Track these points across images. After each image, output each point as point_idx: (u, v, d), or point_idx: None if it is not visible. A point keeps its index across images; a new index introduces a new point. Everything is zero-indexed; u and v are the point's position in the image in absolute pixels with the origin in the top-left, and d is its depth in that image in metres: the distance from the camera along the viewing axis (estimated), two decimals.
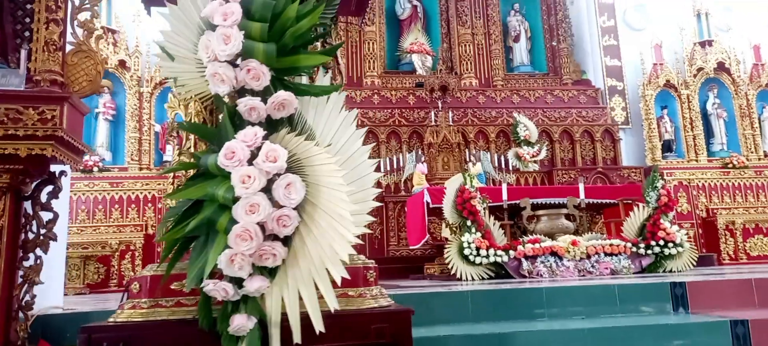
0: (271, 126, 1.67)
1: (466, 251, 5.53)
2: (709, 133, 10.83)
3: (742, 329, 2.74)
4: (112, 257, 8.38)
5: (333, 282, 1.78)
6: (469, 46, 11.45)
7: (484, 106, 10.83)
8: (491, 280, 5.50)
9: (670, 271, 5.69)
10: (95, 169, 8.81)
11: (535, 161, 10.16)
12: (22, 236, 2.35)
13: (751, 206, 10.18)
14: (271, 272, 1.59)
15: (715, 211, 10.03)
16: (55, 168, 2.49)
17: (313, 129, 1.74)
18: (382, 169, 9.79)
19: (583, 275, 5.51)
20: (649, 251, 5.74)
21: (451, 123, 10.05)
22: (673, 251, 5.69)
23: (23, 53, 2.41)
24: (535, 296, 3.06)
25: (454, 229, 5.83)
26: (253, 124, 1.62)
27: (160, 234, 1.60)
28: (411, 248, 7.48)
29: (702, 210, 10.22)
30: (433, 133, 9.89)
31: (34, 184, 2.42)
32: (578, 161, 10.46)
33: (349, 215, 1.59)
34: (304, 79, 1.82)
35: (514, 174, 9.97)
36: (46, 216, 2.42)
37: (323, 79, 1.81)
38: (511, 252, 5.61)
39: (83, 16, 2.50)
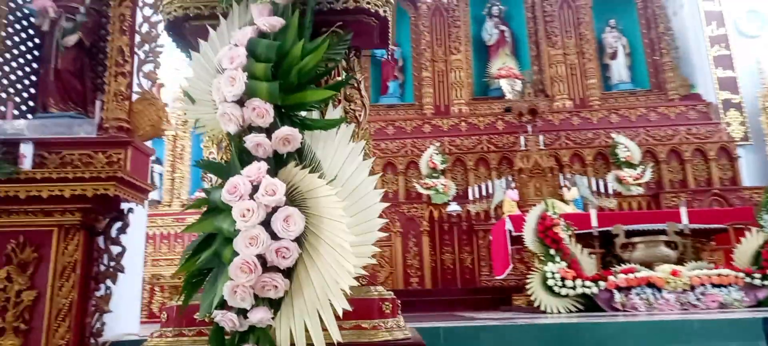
0: (279, 160, 1.73)
1: (550, 282, 5.23)
2: None
3: None
4: None
5: (346, 313, 1.79)
6: (560, 66, 11.04)
7: (578, 128, 10.31)
8: (579, 313, 5.14)
9: None
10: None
11: (638, 184, 9.44)
12: (95, 268, 2.60)
13: None
14: (276, 303, 1.62)
15: None
16: (125, 206, 2.75)
17: (321, 161, 1.77)
18: (470, 196, 9.64)
19: (686, 309, 4.97)
20: (766, 282, 5.05)
21: (542, 147, 9.68)
22: None
23: (98, 103, 2.71)
24: (598, 332, 2.81)
25: (538, 258, 5.55)
26: (260, 160, 1.69)
27: (180, 267, 1.70)
28: (497, 278, 7.20)
29: None
30: (524, 159, 9.58)
31: (106, 220, 2.68)
32: (690, 183, 9.56)
33: (349, 247, 1.59)
34: (315, 114, 1.86)
35: (614, 199, 9.33)
36: (115, 250, 2.66)
37: (333, 113, 1.84)
38: (602, 283, 5.22)
39: (147, 67, 2.77)
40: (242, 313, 1.59)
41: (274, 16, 1.83)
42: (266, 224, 1.59)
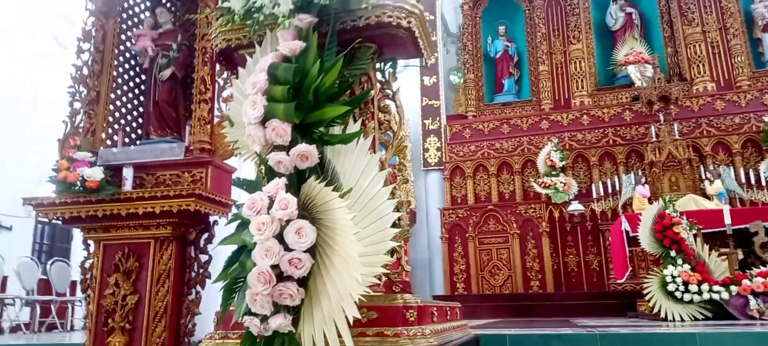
0: (301, 175, 1.83)
1: (671, 287, 4.73)
2: None
3: None
4: None
5: (371, 321, 1.84)
6: (699, 46, 9.91)
7: (723, 113, 9.16)
8: (707, 321, 4.59)
9: None
10: None
11: None
12: (187, 275, 2.94)
13: None
14: (296, 310, 1.72)
15: None
16: (213, 218, 3.07)
17: (340, 174, 1.84)
18: (594, 194, 9.04)
19: None
20: None
21: (677, 137, 8.76)
22: None
23: (187, 128, 3.06)
24: (687, 342, 2.47)
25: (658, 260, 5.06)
26: (282, 176, 1.81)
27: (217, 277, 1.88)
28: (618, 282, 6.67)
29: None
30: (655, 151, 8.74)
31: (196, 232, 3.01)
32: None
33: (358, 256, 1.64)
34: (338, 129, 1.94)
35: None
36: (203, 258, 2.98)
37: (353, 127, 1.90)
38: (734, 288, 4.61)
39: (226, 92, 3.06)
40: (264, 319, 1.72)
41: (297, 39, 1.95)
42: (282, 236, 1.70)
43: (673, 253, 4.85)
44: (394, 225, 1.82)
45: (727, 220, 5.20)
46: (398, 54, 2.28)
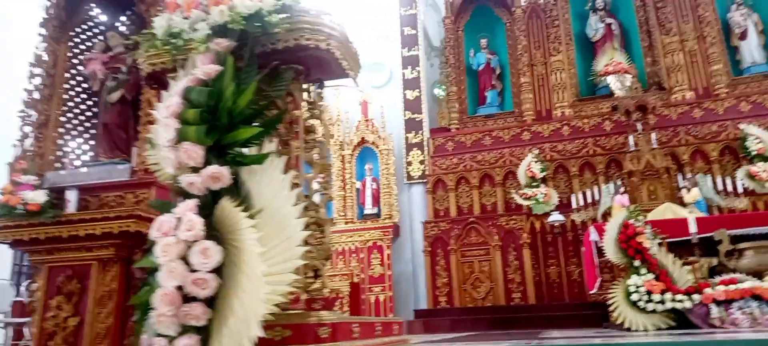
0: (216, 196, 1.86)
1: (634, 297, 4.75)
2: None
3: None
4: None
5: (287, 338, 1.86)
6: (677, 55, 9.99)
7: (701, 121, 9.23)
8: (671, 331, 4.60)
9: None
10: None
11: None
12: (132, 296, 2.94)
13: None
14: (204, 331, 1.74)
15: None
16: None
17: (254, 194, 1.88)
18: (573, 204, 9.06)
19: None
20: None
21: (655, 146, 8.81)
22: None
23: (134, 150, 3.09)
24: None
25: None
26: (195, 197, 1.84)
27: (132, 299, 1.90)
28: (591, 292, 6.67)
29: None
30: (633, 160, 8.79)
31: (142, 252, 3.02)
32: None
33: (262, 276, 1.67)
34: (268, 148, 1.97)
35: (746, 198, 8.16)
36: None
37: (268, 148, 1.94)
38: (697, 296, 4.63)
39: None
40: (172, 340, 1.74)
41: (215, 63, 1.99)
42: (187, 257, 1.73)
43: (637, 262, 4.87)
44: (306, 243, 1.85)
45: (693, 229, 5.24)
46: (325, 75, 2.32)
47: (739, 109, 9.11)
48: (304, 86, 2.30)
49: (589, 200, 8.96)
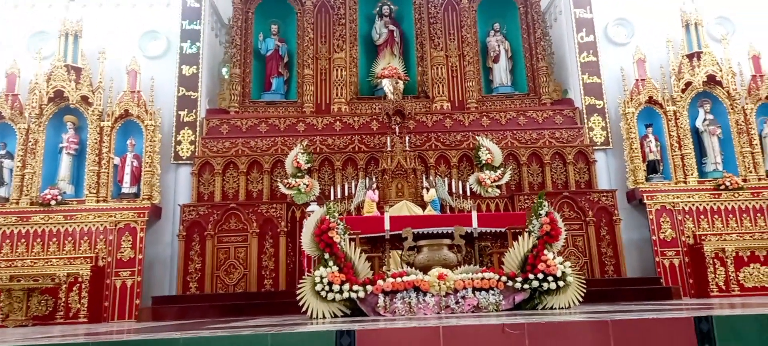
0: None
1: (318, 287, 5.15)
2: (701, 152, 9.68)
3: None
4: (60, 289, 8.59)
5: None
6: (442, 68, 11.03)
7: (450, 130, 10.33)
8: (346, 318, 5.07)
9: (551, 308, 5.00)
10: (52, 202, 9.18)
11: (496, 186, 9.50)
12: None
13: (747, 231, 8.88)
14: None
15: (703, 237, 8.86)
16: None
17: None
18: (332, 196, 9.54)
19: (444, 312, 4.95)
20: (526, 285, 5.07)
21: (407, 148, 9.65)
22: (553, 285, 4.99)
23: None
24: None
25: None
26: None
27: None
28: None
29: (689, 236, 9.04)
30: (388, 159, 9.52)
31: None
32: (547, 185, 9.67)
33: None
34: None
35: (473, 200, 9.35)
36: None
37: None
38: (369, 287, 5.16)
39: None
40: None
41: None
42: None
43: (326, 255, 5.27)
44: None
45: (387, 226, 5.83)
46: None
47: (481, 122, 10.38)
48: None
49: (347, 194, 9.50)
